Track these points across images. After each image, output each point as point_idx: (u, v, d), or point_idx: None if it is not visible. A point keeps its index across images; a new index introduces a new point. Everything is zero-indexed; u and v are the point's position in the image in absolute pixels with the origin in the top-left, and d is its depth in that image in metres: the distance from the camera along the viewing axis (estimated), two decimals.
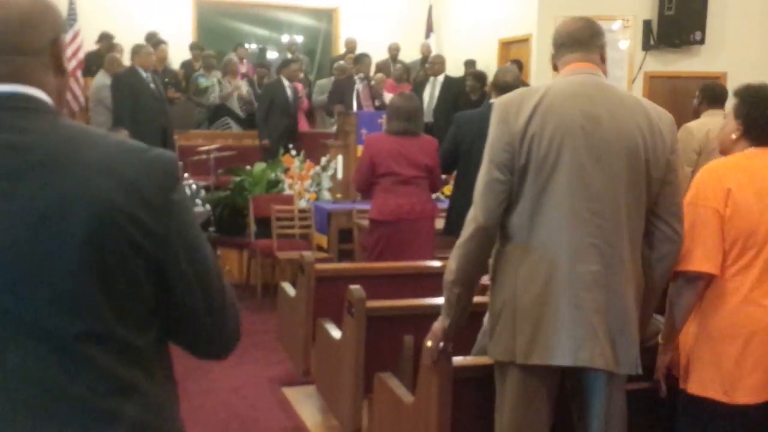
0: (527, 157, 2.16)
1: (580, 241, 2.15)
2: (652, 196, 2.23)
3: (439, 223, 4.83)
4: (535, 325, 2.16)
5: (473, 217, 2.22)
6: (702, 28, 8.77)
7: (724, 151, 2.55)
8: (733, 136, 2.48)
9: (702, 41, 8.81)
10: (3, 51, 1.19)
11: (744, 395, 2.31)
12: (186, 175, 6.75)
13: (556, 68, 2.41)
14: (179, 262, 1.22)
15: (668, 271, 2.32)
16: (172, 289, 1.23)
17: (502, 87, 4.42)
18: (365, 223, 5.26)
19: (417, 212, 4.61)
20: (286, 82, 8.57)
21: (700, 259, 2.32)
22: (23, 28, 1.20)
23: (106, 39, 9.23)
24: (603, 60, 2.35)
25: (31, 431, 1.12)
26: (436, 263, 4.22)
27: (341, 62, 9.60)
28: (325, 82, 9.60)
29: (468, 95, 8.84)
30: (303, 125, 9.17)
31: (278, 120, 8.37)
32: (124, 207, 1.15)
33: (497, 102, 2.28)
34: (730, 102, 2.72)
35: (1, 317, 1.11)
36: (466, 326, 2.40)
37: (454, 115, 4.72)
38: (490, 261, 2.31)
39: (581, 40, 2.33)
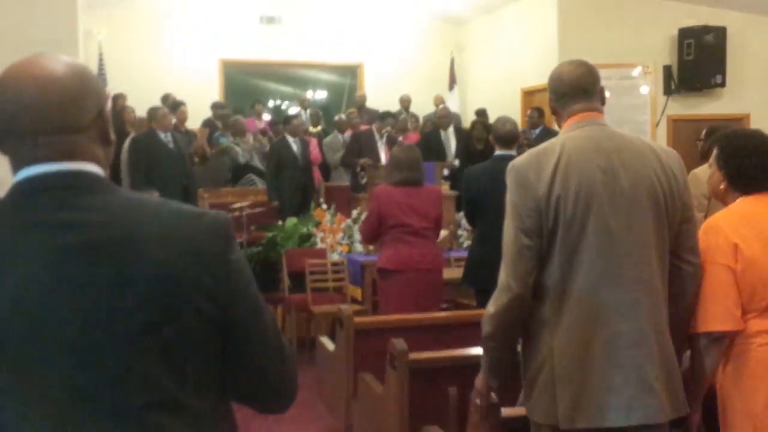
0: (555, 219, 2.15)
1: (618, 298, 2.15)
2: (672, 237, 2.24)
3: (450, 273, 4.88)
4: (578, 389, 2.14)
5: (507, 287, 2.19)
6: (722, 71, 8.85)
7: (718, 200, 2.55)
8: (722, 187, 2.49)
9: (723, 84, 8.88)
10: (51, 132, 1.19)
11: None
12: None
13: (555, 113, 2.38)
14: (242, 322, 1.25)
15: (690, 306, 2.31)
16: (236, 348, 1.25)
17: (504, 138, 4.55)
18: None
19: (428, 263, 4.64)
20: (290, 139, 8.48)
21: (721, 319, 2.31)
22: (67, 106, 1.20)
23: (118, 100, 9.29)
24: (603, 103, 2.35)
25: None
26: (474, 312, 4.24)
27: (342, 117, 9.71)
28: (331, 140, 9.60)
29: (474, 144, 8.96)
30: (320, 179, 9.19)
31: (290, 176, 8.27)
32: (187, 274, 1.18)
33: (513, 166, 2.25)
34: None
35: (74, 394, 1.14)
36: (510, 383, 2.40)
37: (463, 172, 4.79)
38: None
39: (586, 89, 2.31)
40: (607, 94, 2.45)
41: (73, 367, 1.14)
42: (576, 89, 2.30)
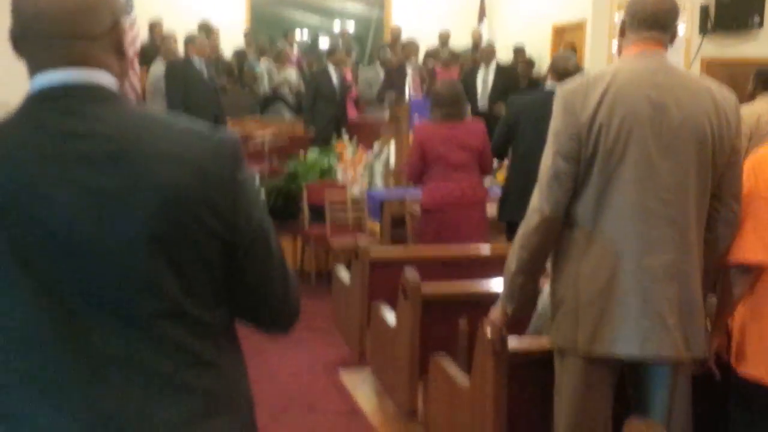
0: (594, 147, 2.14)
1: (649, 232, 2.15)
2: (716, 180, 2.22)
3: (491, 209, 4.85)
4: (598, 316, 2.16)
5: (538, 208, 2.21)
6: (761, 11, 8.56)
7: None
8: None
9: (761, 24, 8.60)
10: (65, 36, 1.22)
11: None
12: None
13: (622, 34, 2.32)
14: (248, 240, 1.27)
15: (724, 251, 2.31)
16: (240, 266, 1.28)
17: (562, 73, 4.41)
18: (418, 210, 5.30)
19: (468, 197, 4.61)
20: (332, 70, 8.58)
21: (755, 249, 2.31)
22: (83, 14, 1.22)
23: (155, 27, 9.39)
24: (672, 41, 2.30)
25: (115, 403, 1.19)
26: (489, 248, 4.25)
27: (386, 51, 9.64)
28: (370, 72, 9.61)
29: (518, 81, 8.81)
30: (352, 112, 9.21)
31: (325, 107, 8.37)
32: (194, 190, 1.20)
33: (562, 91, 2.24)
34: None
35: (81, 298, 1.17)
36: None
37: (508, 99, 4.70)
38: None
39: (662, 22, 2.25)
40: None
41: (86, 274, 1.17)
42: (654, 19, 2.24)
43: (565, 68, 4.39)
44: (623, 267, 2.15)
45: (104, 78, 1.24)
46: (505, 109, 4.59)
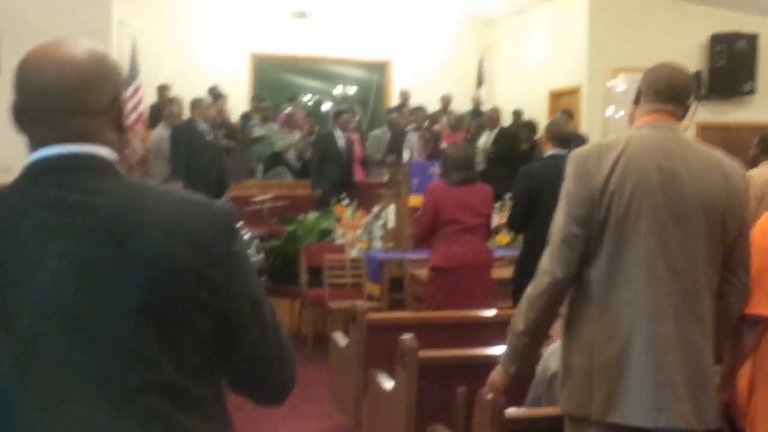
0: (606, 213, 2.14)
1: (660, 301, 2.14)
2: (726, 250, 2.23)
3: (497, 272, 4.85)
4: (613, 384, 2.15)
5: (549, 270, 2.20)
6: (752, 78, 8.75)
7: None
8: None
9: (752, 91, 8.78)
10: (67, 112, 1.23)
11: None
12: (240, 224, 6.89)
13: (636, 103, 2.35)
14: (241, 313, 1.27)
15: (733, 321, 2.31)
16: (234, 338, 1.27)
17: (563, 138, 4.47)
18: (418, 272, 5.29)
19: (480, 260, 4.63)
20: (338, 133, 8.73)
21: (762, 303, 2.32)
22: (84, 90, 1.24)
23: (163, 91, 9.60)
24: (684, 116, 2.33)
25: None
26: (490, 312, 4.22)
27: (395, 114, 9.82)
28: (379, 134, 9.78)
29: (520, 144, 8.91)
30: (359, 174, 9.31)
31: (331, 170, 8.50)
32: (187, 263, 1.20)
33: (575, 154, 2.25)
34: None
35: (67, 366, 1.16)
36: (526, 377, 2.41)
37: (519, 171, 4.71)
38: (563, 311, 2.31)
39: (678, 96, 2.29)
40: None
41: (72, 343, 1.16)
42: (670, 92, 2.28)
43: (565, 133, 4.43)
44: (636, 335, 2.14)
45: (102, 150, 1.26)
46: (519, 182, 4.60)
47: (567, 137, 4.47)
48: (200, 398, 1.25)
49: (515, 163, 6.85)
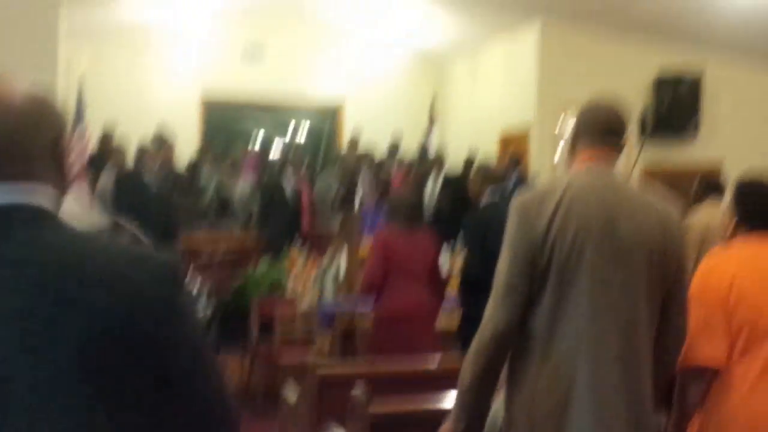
0: (549, 260, 2.13)
1: (603, 348, 2.13)
2: (664, 294, 2.23)
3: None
4: None
5: (492, 324, 2.17)
6: (696, 118, 8.98)
7: (724, 240, 2.60)
8: (730, 225, 2.56)
9: (697, 131, 9.01)
10: (3, 157, 1.19)
11: None
12: (188, 278, 6.74)
13: (572, 146, 2.34)
14: (183, 367, 1.22)
15: (673, 365, 2.30)
16: (175, 396, 1.22)
17: (493, 179, 4.55)
18: (369, 322, 5.21)
19: (425, 309, 4.59)
20: (285, 180, 8.61)
21: (706, 353, 2.34)
22: (22, 133, 1.20)
23: (107, 137, 9.30)
24: (622, 150, 2.33)
25: None
26: (441, 361, 4.16)
27: (344, 155, 9.80)
28: (328, 181, 9.69)
29: (467, 192, 8.92)
30: (307, 225, 9.18)
31: (278, 217, 8.38)
32: (128, 319, 1.15)
33: (516, 202, 2.25)
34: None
35: (8, 425, 1.11)
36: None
37: (462, 222, 4.75)
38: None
39: (617, 133, 2.30)
40: None
41: (5, 403, 1.10)
42: (608, 130, 2.28)
43: (493, 175, 4.61)
44: (577, 383, 2.12)
45: (41, 199, 1.21)
46: (465, 233, 4.61)
47: (496, 178, 4.60)
48: None
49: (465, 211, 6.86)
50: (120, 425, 1.16)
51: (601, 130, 2.28)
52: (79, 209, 3.34)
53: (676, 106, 8.93)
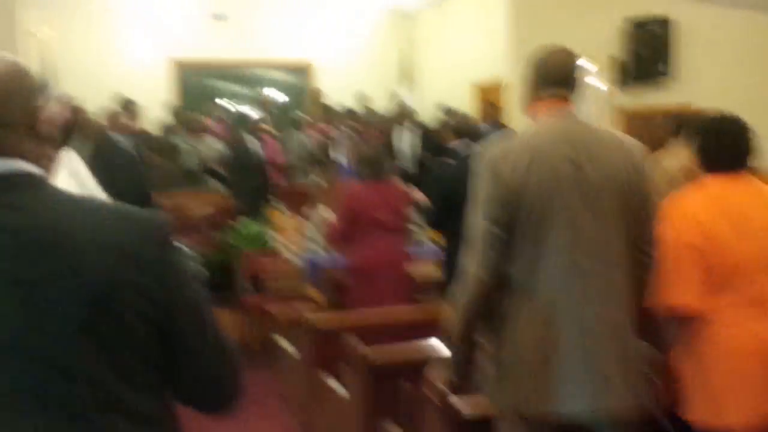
0: (523, 210, 2.19)
1: (583, 289, 2.19)
2: (636, 229, 2.30)
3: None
4: (539, 377, 2.18)
5: (474, 273, 2.23)
6: (666, 62, 9.07)
7: (689, 180, 2.67)
8: (693, 166, 2.61)
9: (666, 74, 9.10)
10: None
11: (732, 417, 2.40)
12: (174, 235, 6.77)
13: (529, 98, 2.37)
14: (181, 321, 1.26)
15: (644, 295, 2.37)
16: (176, 348, 1.26)
17: (467, 132, 4.58)
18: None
19: (396, 258, 4.66)
20: (249, 140, 8.46)
21: (680, 293, 2.42)
22: None
23: (76, 108, 9.12)
24: (575, 92, 2.37)
25: None
26: (430, 310, 4.27)
27: (300, 114, 9.80)
28: (300, 139, 9.67)
29: (444, 140, 8.99)
30: (279, 179, 9.13)
31: (246, 178, 8.21)
32: (124, 277, 1.19)
33: (487, 157, 2.28)
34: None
35: (15, 386, 1.15)
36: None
37: (431, 174, 4.79)
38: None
39: (568, 78, 2.33)
40: None
41: (19, 368, 1.15)
42: (561, 76, 2.32)
43: (468, 127, 4.61)
44: (562, 325, 2.19)
45: (23, 165, 1.22)
46: (432, 184, 4.65)
47: (471, 130, 4.60)
48: (152, 413, 1.25)
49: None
50: (124, 381, 1.20)
51: (555, 77, 2.32)
52: (75, 184, 3.35)
53: (648, 49, 9.01)
